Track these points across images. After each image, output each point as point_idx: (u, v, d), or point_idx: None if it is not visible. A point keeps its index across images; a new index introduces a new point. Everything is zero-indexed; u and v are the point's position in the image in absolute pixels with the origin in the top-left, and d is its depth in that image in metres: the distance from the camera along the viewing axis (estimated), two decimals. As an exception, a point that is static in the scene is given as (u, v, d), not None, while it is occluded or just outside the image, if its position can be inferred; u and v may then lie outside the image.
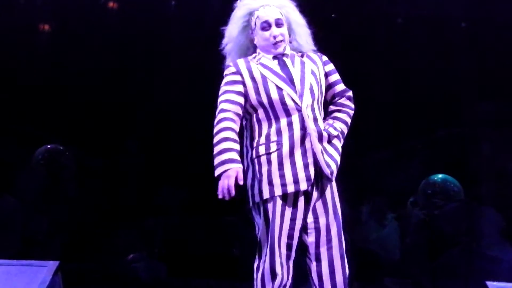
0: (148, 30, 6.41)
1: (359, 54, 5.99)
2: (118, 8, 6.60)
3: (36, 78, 6.20)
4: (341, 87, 3.32)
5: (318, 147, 3.05)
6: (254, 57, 3.23)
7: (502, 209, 5.47)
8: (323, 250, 3.10)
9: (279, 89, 3.10)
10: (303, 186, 3.04)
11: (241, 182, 3.01)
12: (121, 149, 6.46)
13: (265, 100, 3.11)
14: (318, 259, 3.12)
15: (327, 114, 3.29)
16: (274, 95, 3.10)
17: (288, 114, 3.08)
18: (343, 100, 3.32)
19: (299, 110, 3.07)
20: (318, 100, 3.17)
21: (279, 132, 3.08)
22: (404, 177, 6.11)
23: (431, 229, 5.42)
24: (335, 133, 3.15)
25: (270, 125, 3.10)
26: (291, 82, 3.13)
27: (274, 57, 3.20)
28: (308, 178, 3.04)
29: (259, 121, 3.13)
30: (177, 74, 6.47)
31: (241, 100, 3.14)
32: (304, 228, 3.12)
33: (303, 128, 3.06)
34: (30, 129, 6.06)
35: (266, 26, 3.19)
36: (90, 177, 6.07)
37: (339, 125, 3.22)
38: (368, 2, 6.03)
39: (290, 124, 3.07)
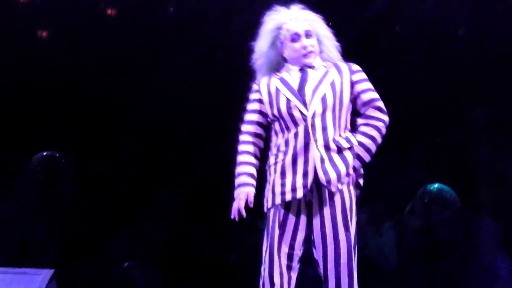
0: (146, 37, 6.42)
1: (356, 60, 5.99)
2: (117, 13, 6.61)
3: (34, 83, 6.21)
4: (368, 96, 3.18)
5: (317, 154, 3.03)
6: (280, 71, 3.28)
7: (499, 218, 5.48)
8: (331, 266, 3.02)
9: (288, 101, 3.13)
10: (300, 193, 3.02)
11: (251, 205, 3.09)
12: (118, 155, 6.46)
13: (276, 112, 3.16)
14: (326, 275, 3.05)
15: (355, 127, 3.22)
16: (283, 107, 3.13)
17: (296, 124, 3.09)
18: (371, 112, 3.17)
19: (305, 120, 3.08)
20: (334, 110, 3.11)
21: (287, 142, 3.11)
22: (401, 185, 6.11)
23: (428, 237, 5.42)
24: (346, 145, 3.08)
25: (282, 136, 3.15)
26: (300, 93, 3.13)
27: (300, 69, 3.22)
28: (304, 185, 3.02)
29: (276, 133, 3.20)
30: (176, 80, 6.48)
31: (257, 117, 3.24)
32: (311, 241, 3.09)
33: (307, 137, 3.06)
34: (28, 134, 6.07)
35: (296, 37, 3.21)
36: (87, 183, 6.07)
37: (360, 139, 3.12)
38: (366, 9, 6.04)
39: (296, 134, 3.08)
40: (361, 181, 3.19)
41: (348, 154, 3.07)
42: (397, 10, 6.41)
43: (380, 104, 3.17)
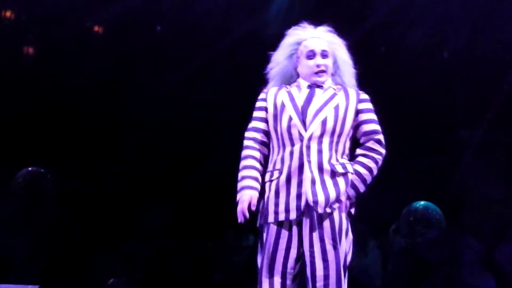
0: (132, 55, 6.43)
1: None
2: (102, 32, 6.62)
3: (19, 100, 6.17)
4: (369, 127, 3.18)
5: (308, 176, 3.04)
6: (291, 85, 3.31)
7: (483, 238, 5.50)
8: (320, 285, 3.01)
9: (290, 118, 3.15)
10: (293, 215, 3.04)
11: (253, 208, 3.10)
12: (102, 172, 6.43)
13: (278, 127, 3.19)
14: None
15: (353, 157, 3.21)
16: (284, 124, 3.15)
17: (292, 143, 3.12)
18: (371, 144, 3.16)
19: (302, 140, 3.10)
20: (333, 134, 3.11)
21: (282, 161, 3.13)
22: (386, 204, 6.13)
23: (413, 256, 5.42)
24: (341, 170, 3.07)
25: (278, 153, 3.17)
26: (303, 113, 3.15)
27: (309, 86, 3.24)
28: (298, 208, 3.04)
29: (273, 147, 3.22)
30: (160, 98, 6.49)
31: (264, 126, 3.27)
32: (302, 260, 3.08)
33: (302, 158, 3.07)
34: (11, 151, 6.02)
35: (311, 55, 3.25)
36: (71, 200, 6.03)
37: (357, 168, 3.12)
38: (353, 31, 6.09)
39: (291, 154, 3.10)
40: (352, 210, 3.18)
41: (341, 180, 3.08)
42: (383, 34, 6.47)
43: (381, 137, 3.17)
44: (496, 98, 6.23)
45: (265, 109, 3.27)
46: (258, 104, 3.31)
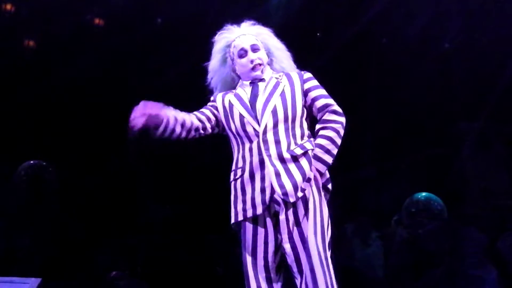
0: (135, 47, 6.42)
1: (342, 75, 6.04)
2: (103, 24, 6.61)
3: (21, 93, 6.17)
4: (322, 102, 3.26)
5: (271, 170, 3.08)
6: (236, 88, 3.37)
7: (485, 229, 5.50)
8: (305, 268, 3.05)
9: (241, 116, 3.22)
10: (259, 210, 3.09)
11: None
12: (104, 166, 6.43)
13: (232, 127, 3.25)
14: (302, 277, 3.08)
15: (315, 135, 3.27)
16: (237, 123, 3.22)
17: (250, 140, 3.18)
18: (327, 116, 3.23)
19: (258, 136, 3.15)
20: (286, 121, 3.17)
21: (243, 159, 3.19)
22: (388, 195, 6.13)
23: (415, 248, 5.42)
24: (300, 152, 3.12)
25: (238, 151, 3.24)
26: (253, 108, 3.21)
27: (251, 83, 3.30)
28: (263, 202, 3.09)
29: (233, 147, 3.29)
30: (162, 92, 6.47)
31: (208, 113, 3.33)
32: (281, 250, 3.14)
33: (261, 153, 3.13)
34: (13, 144, 6.02)
35: (243, 53, 3.32)
36: (73, 193, 6.03)
37: (318, 141, 3.16)
38: (353, 22, 6.09)
39: (250, 150, 3.17)
40: (329, 185, 3.22)
41: (303, 161, 3.12)
42: (382, 25, 6.47)
43: (335, 107, 3.24)
44: (497, 89, 6.23)
45: (215, 107, 3.35)
46: (209, 104, 3.39)
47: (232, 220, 3.19)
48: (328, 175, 3.23)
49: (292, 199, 3.05)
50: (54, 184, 5.67)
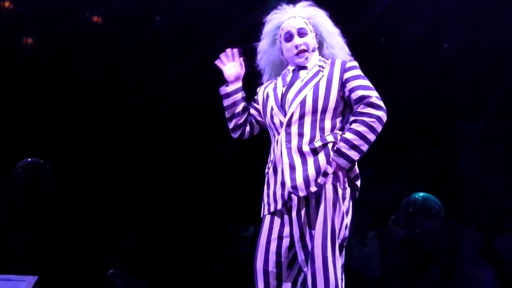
0: (133, 45, 6.42)
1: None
2: (102, 23, 6.60)
3: (20, 91, 6.17)
4: (358, 93, 2.98)
5: (285, 162, 2.97)
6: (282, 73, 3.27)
7: (482, 229, 5.51)
8: (312, 269, 2.89)
9: (271, 109, 3.11)
10: (279, 205, 3.00)
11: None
12: (102, 164, 6.43)
13: (266, 120, 3.17)
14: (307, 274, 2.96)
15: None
16: (268, 115, 3.12)
17: (278, 132, 3.06)
18: (361, 108, 2.95)
19: (282, 127, 3.03)
20: (315, 112, 2.99)
21: (273, 151, 3.09)
22: (386, 195, 6.13)
23: (412, 247, 5.42)
24: (319, 144, 2.94)
25: (271, 144, 3.14)
26: (282, 99, 3.08)
27: (294, 70, 3.17)
28: (282, 197, 2.99)
29: (269, 139, 3.19)
30: (161, 92, 6.48)
31: (253, 107, 3.29)
32: (294, 247, 3.01)
33: (281, 145, 3.01)
34: (11, 143, 6.02)
35: (288, 37, 3.16)
36: (71, 191, 6.02)
37: (346, 135, 2.92)
38: (354, 22, 6.08)
39: (277, 143, 3.05)
40: (357, 181, 3.01)
41: (321, 155, 2.95)
42: (382, 26, 6.46)
43: (373, 100, 2.96)
44: (496, 90, 6.23)
45: (257, 102, 3.28)
46: (253, 101, 3.31)
47: (261, 215, 3.09)
48: (357, 171, 3.01)
49: (302, 194, 2.92)
50: (51, 182, 5.66)
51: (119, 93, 6.45)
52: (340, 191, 2.95)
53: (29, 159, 5.63)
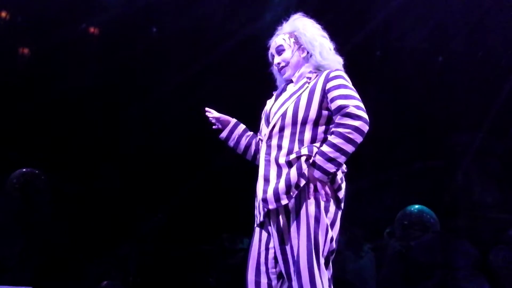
0: (128, 54, 6.42)
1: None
2: (99, 34, 6.61)
3: (15, 102, 6.15)
4: (337, 103, 2.92)
5: (261, 175, 2.98)
6: None
7: (477, 242, 5.51)
8: (290, 283, 2.90)
9: (261, 123, 3.17)
10: (261, 217, 3.00)
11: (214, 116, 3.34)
12: (97, 175, 6.41)
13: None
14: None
15: None
16: (260, 129, 3.18)
17: (262, 144, 3.10)
18: (339, 119, 2.90)
19: (264, 140, 3.06)
20: (295, 124, 2.98)
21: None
22: (381, 207, 6.13)
23: (407, 260, 5.42)
24: (293, 157, 2.92)
25: None
26: (269, 114, 3.11)
27: (285, 84, 3.20)
28: (263, 209, 2.98)
29: None
30: (158, 103, 6.48)
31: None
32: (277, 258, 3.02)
33: (261, 157, 3.03)
34: (6, 152, 6.00)
35: (271, 57, 3.24)
36: (65, 202, 6.01)
37: (322, 148, 2.89)
38: (352, 35, 6.09)
39: (261, 155, 3.09)
40: (339, 193, 2.95)
41: (293, 168, 2.91)
42: (382, 36, 6.48)
43: (350, 109, 2.89)
44: (493, 104, 6.25)
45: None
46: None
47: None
48: (339, 182, 2.96)
49: (271, 206, 2.90)
50: (46, 192, 5.66)
51: (117, 104, 6.45)
52: (322, 204, 2.91)
53: (24, 169, 5.62)
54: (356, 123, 2.87)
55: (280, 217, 2.94)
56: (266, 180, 2.96)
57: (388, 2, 6.14)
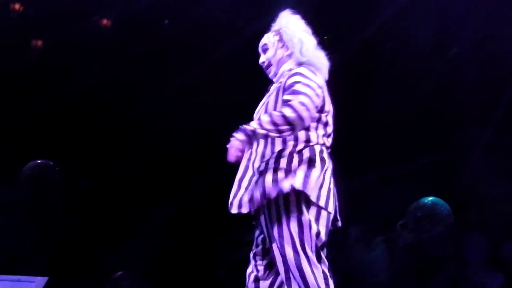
0: (140, 50, 6.43)
1: (347, 79, 6.04)
2: (110, 26, 6.62)
3: (28, 95, 6.18)
4: (284, 98, 2.89)
5: (236, 178, 3.00)
6: None
7: (490, 235, 5.51)
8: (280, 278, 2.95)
9: None
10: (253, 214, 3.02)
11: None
12: (110, 167, 6.44)
13: None
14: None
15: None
16: None
17: None
18: (280, 107, 2.89)
19: None
20: None
21: None
22: (393, 200, 6.13)
23: (419, 252, 5.42)
24: (257, 165, 2.92)
25: None
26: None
27: (270, 84, 3.19)
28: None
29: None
30: (169, 97, 6.49)
31: None
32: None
33: (243, 161, 3.02)
34: (20, 145, 6.03)
35: (259, 56, 3.21)
36: (79, 193, 6.04)
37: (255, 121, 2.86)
38: (361, 28, 6.09)
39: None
40: (305, 190, 2.82)
41: (258, 177, 2.88)
42: (389, 31, 6.47)
43: (292, 102, 2.81)
44: (504, 97, 6.24)
45: None
46: None
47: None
48: (281, 163, 2.86)
49: (233, 211, 2.92)
50: (59, 183, 5.69)
51: (129, 97, 6.46)
52: (303, 200, 2.86)
53: (38, 161, 5.65)
54: (287, 111, 2.80)
55: (263, 217, 2.91)
56: (236, 184, 2.97)
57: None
